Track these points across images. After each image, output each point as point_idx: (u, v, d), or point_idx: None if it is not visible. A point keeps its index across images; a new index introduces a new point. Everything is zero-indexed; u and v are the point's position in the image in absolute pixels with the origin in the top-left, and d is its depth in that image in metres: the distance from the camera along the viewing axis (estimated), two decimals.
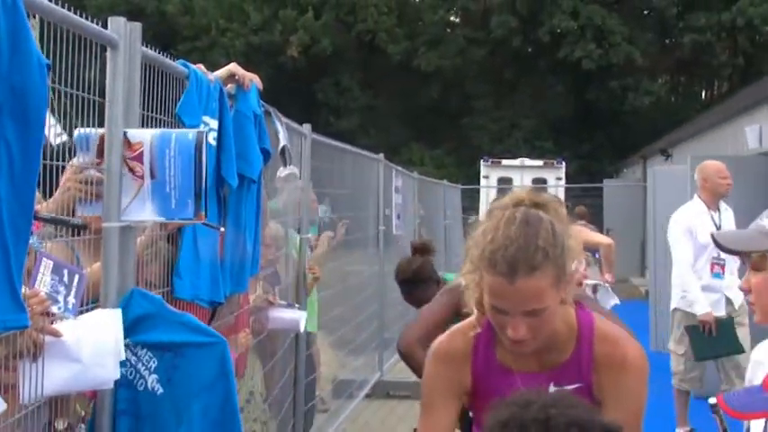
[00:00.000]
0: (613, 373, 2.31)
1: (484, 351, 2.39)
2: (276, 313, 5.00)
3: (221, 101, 3.51)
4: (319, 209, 8.22)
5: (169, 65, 3.17)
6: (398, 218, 10.59)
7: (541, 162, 22.67)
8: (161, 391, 2.73)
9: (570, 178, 23.35)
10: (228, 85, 3.72)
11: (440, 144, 33.07)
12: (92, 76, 2.60)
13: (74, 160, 2.75)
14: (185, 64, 3.33)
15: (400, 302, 11.74)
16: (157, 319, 2.74)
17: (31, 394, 2.33)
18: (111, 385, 2.61)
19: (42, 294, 2.32)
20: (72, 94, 2.48)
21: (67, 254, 2.80)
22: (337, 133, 20.77)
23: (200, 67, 3.45)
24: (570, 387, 2.32)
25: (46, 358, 2.35)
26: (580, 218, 12.83)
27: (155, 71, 3.02)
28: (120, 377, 2.61)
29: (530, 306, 2.16)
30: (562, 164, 22.10)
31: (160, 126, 3.05)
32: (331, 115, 32.56)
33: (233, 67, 3.78)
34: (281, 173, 5.62)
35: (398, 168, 11.09)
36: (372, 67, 34.45)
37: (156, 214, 2.77)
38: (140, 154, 2.75)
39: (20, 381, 2.30)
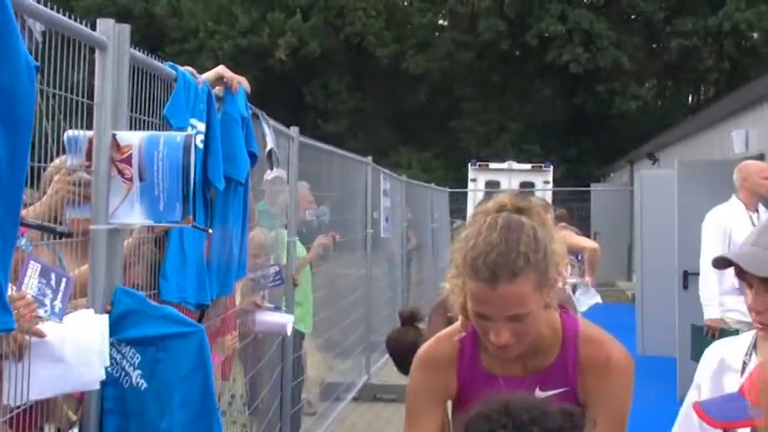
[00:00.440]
0: (598, 375, 2.32)
1: (469, 356, 2.39)
2: (263, 316, 5.00)
3: (209, 103, 3.51)
4: (320, 210, 8.28)
5: (157, 67, 3.17)
6: (386, 221, 10.60)
7: (529, 166, 22.70)
8: (145, 385, 2.74)
9: (558, 182, 23.38)
10: (216, 88, 3.72)
11: (428, 147, 33.08)
12: (80, 77, 2.60)
13: (56, 161, 2.73)
14: (173, 66, 3.32)
15: (388, 305, 11.78)
16: (140, 315, 2.75)
17: (16, 396, 2.32)
18: (98, 386, 2.60)
19: (29, 298, 2.31)
20: (60, 95, 2.47)
21: (50, 256, 2.79)
22: (325, 136, 20.74)
23: (188, 69, 3.45)
24: (556, 391, 2.32)
25: (30, 359, 2.34)
26: (561, 220, 12.83)
27: (143, 73, 3.01)
28: (107, 376, 2.61)
29: (512, 311, 2.16)
30: (550, 167, 22.13)
31: (148, 128, 3.04)
32: (319, 118, 32.54)
33: (221, 70, 3.78)
34: (267, 176, 5.62)
35: (386, 171, 11.09)
36: (360, 69, 34.45)
37: (145, 217, 2.77)
38: (129, 156, 2.74)
39: (4, 383, 2.29)
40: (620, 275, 20.45)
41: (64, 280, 2.47)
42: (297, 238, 6.39)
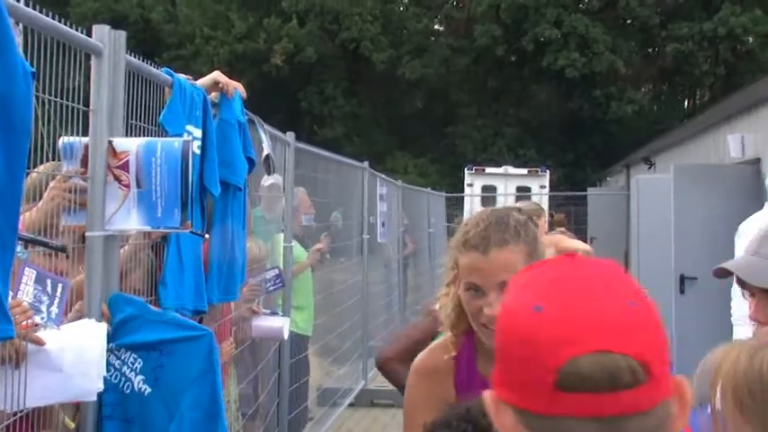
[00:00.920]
0: None
1: (466, 364, 2.39)
2: (259, 321, 4.99)
3: (205, 110, 3.50)
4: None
5: (153, 73, 3.16)
6: (383, 226, 10.60)
7: (525, 170, 22.72)
8: (149, 390, 2.74)
9: (554, 187, 23.40)
10: (212, 94, 3.71)
11: (424, 152, 33.08)
12: (76, 84, 2.59)
13: (41, 167, 2.72)
14: (169, 72, 3.32)
15: (384, 311, 11.76)
16: (140, 321, 2.75)
17: (13, 403, 2.31)
18: (95, 397, 2.59)
19: (25, 304, 2.31)
20: (56, 102, 2.47)
21: (47, 262, 2.78)
22: (321, 142, 20.74)
23: (185, 76, 3.44)
24: None
25: (28, 367, 2.33)
26: (559, 225, 12.87)
27: (139, 79, 3.01)
28: (105, 382, 2.61)
29: (503, 277, 2.17)
30: (546, 172, 22.15)
31: (144, 134, 3.04)
32: (315, 123, 32.54)
33: (217, 75, 3.77)
34: (264, 182, 5.62)
35: (383, 176, 11.09)
36: (357, 75, 34.47)
37: (143, 223, 2.77)
38: (126, 163, 2.74)
39: (0, 389, 2.29)
40: None
41: (60, 286, 2.47)
42: (293, 243, 6.38)
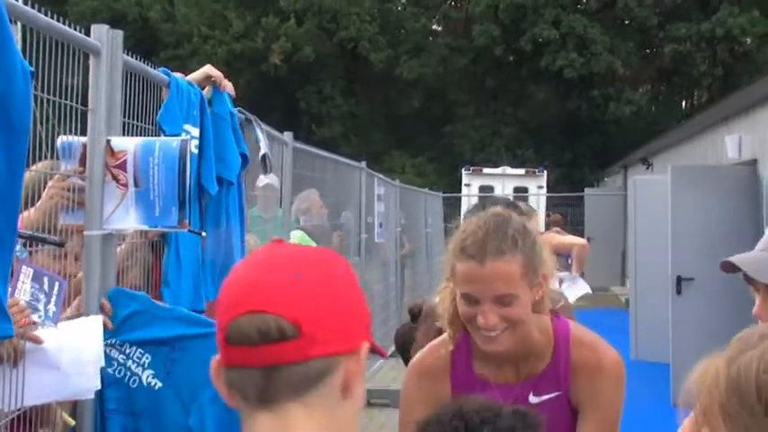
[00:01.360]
0: (589, 378, 2.33)
1: (462, 364, 2.39)
2: None
3: (202, 109, 3.50)
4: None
5: (151, 73, 3.17)
6: (380, 226, 10.60)
7: (523, 171, 22.73)
8: (159, 385, 2.76)
9: (551, 187, 23.41)
10: (205, 89, 3.71)
11: (421, 152, 33.08)
12: (74, 83, 2.60)
13: (37, 165, 2.72)
14: (167, 72, 3.32)
15: (381, 311, 11.76)
16: (147, 317, 2.77)
17: (11, 402, 2.32)
18: (92, 395, 2.59)
19: (23, 303, 2.31)
20: (54, 101, 2.47)
21: (46, 260, 2.79)
22: (319, 141, 20.73)
23: (181, 76, 3.45)
24: (549, 396, 2.33)
25: (25, 365, 2.34)
26: (555, 225, 12.89)
27: (137, 79, 3.02)
28: (107, 377, 2.62)
29: (499, 290, 2.18)
30: (543, 172, 22.16)
31: (142, 134, 3.05)
32: (313, 123, 32.53)
33: (208, 69, 3.77)
34: (259, 182, 5.62)
35: (380, 176, 11.09)
36: (354, 74, 34.46)
37: (140, 222, 2.78)
38: (124, 162, 2.75)
39: None
40: (613, 280, 20.46)
41: (57, 284, 2.47)
42: (301, 235, 6.42)
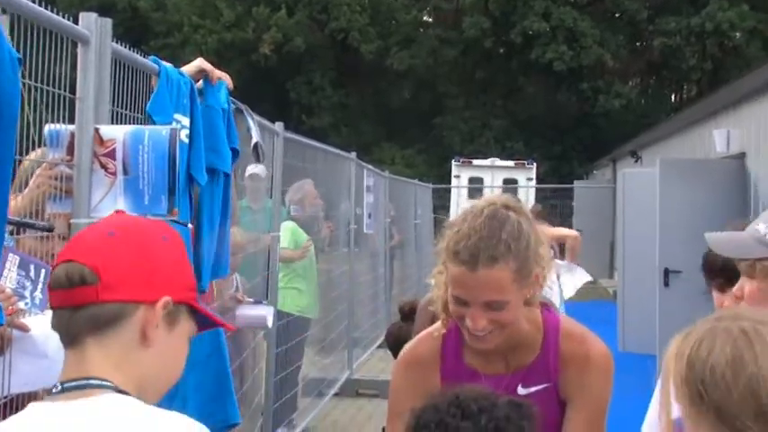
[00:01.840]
0: (578, 370, 2.33)
1: (452, 354, 2.39)
2: (243, 311, 4.99)
3: (192, 98, 3.49)
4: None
5: (140, 61, 3.16)
6: (369, 217, 10.60)
7: (512, 162, 22.76)
8: None
9: (541, 179, 23.45)
10: (198, 82, 3.70)
11: (411, 143, 33.09)
12: (62, 71, 2.59)
13: (33, 153, 2.71)
14: (156, 60, 3.31)
15: (370, 301, 11.77)
16: None
17: None
18: None
19: (9, 290, 2.30)
20: (42, 89, 2.46)
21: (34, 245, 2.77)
22: (309, 131, 20.70)
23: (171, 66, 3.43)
24: (538, 387, 2.34)
25: (12, 353, 2.33)
26: (537, 217, 12.83)
27: (126, 67, 3.01)
28: None
29: (490, 297, 2.17)
30: (533, 164, 22.19)
31: (131, 122, 3.03)
32: (303, 113, 32.50)
33: (200, 63, 3.76)
34: (246, 172, 5.63)
35: (370, 167, 11.09)
36: (345, 65, 34.42)
37: (130, 210, 2.76)
38: (113, 150, 2.73)
39: None
40: (602, 272, 20.51)
41: (43, 271, 2.46)
42: (279, 233, 6.39)
